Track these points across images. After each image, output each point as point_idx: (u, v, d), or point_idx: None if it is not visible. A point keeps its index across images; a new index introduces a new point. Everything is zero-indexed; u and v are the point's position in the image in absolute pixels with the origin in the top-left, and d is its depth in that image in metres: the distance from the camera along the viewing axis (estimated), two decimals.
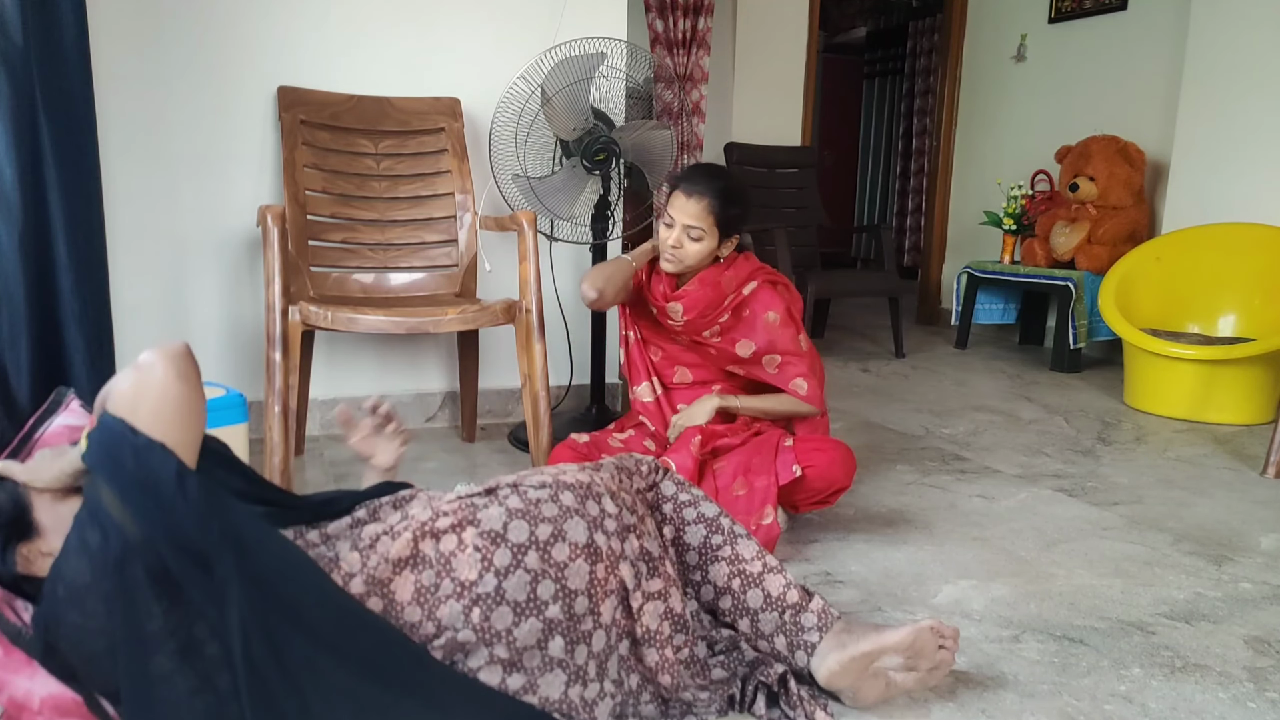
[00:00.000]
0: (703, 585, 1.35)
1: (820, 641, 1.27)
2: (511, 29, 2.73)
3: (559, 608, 1.08)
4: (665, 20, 4.39)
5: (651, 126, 2.55)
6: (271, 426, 2.07)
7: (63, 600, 0.96)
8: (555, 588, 1.08)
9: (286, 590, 0.97)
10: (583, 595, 1.10)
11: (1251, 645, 1.51)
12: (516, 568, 1.07)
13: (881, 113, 7.87)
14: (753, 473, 1.84)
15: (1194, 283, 3.43)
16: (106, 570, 0.92)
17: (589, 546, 1.11)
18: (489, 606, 1.05)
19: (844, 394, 3.39)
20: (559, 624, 1.08)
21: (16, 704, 0.99)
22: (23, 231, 1.67)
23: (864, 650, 1.23)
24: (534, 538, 1.09)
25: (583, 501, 1.15)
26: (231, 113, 2.47)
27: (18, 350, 1.69)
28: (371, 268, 2.49)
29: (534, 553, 1.08)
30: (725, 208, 1.94)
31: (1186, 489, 2.35)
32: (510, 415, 2.89)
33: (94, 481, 0.95)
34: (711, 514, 1.37)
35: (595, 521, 1.14)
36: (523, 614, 1.06)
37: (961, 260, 4.81)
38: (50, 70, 1.70)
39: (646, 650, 1.18)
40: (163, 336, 2.46)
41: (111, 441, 0.94)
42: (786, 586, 1.32)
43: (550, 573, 1.08)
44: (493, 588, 1.06)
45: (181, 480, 0.93)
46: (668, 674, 1.19)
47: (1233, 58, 3.50)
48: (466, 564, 1.06)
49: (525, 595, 1.06)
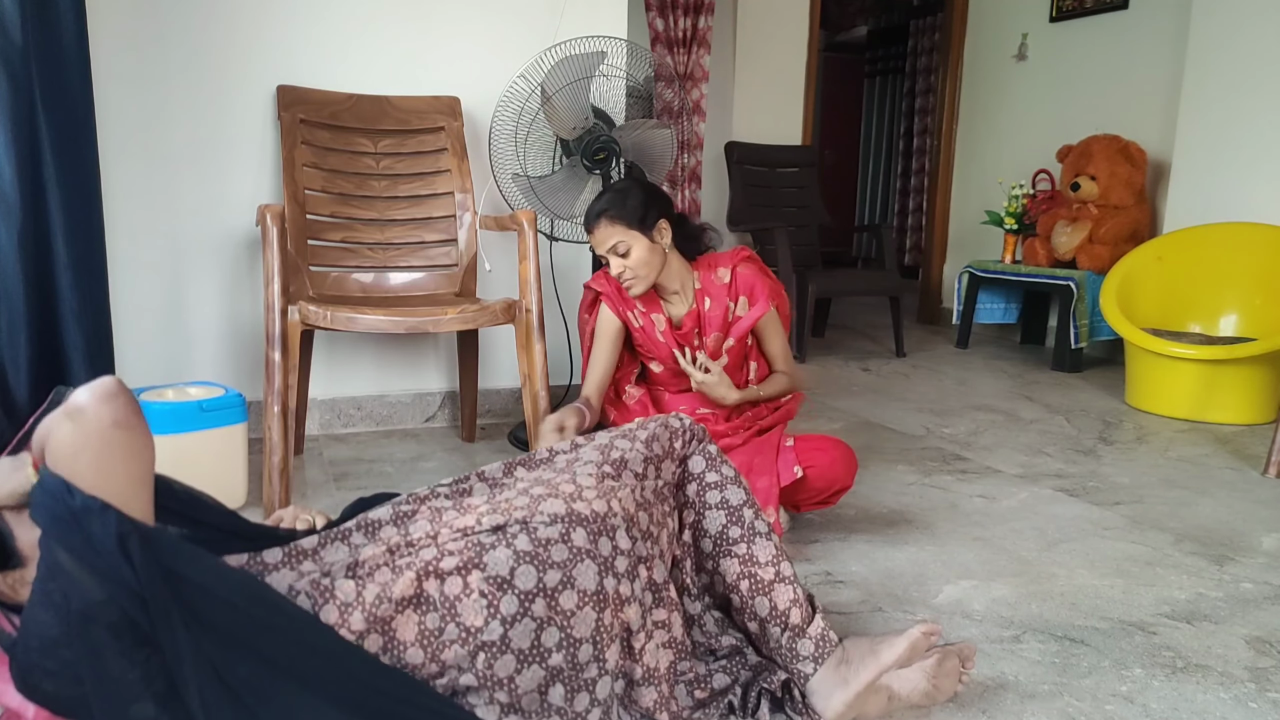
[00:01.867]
0: (714, 575, 1.33)
1: (815, 674, 1.24)
2: (511, 28, 2.73)
3: (562, 656, 1.06)
4: (665, 19, 4.39)
5: (652, 125, 2.54)
6: (271, 426, 2.07)
7: (36, 650, 0.94)
8: (560, 636, 1.06)
9: (254, 637, 0.95)
10: (587, 644, 1.07)
11: (1253, 645, 1.51)
12: (523, 615, 1.04)
13: (882, 112, 7.86)
14: (755, 473, 1.84)
15: (1195, 282, 3.43)
16: (72, 624, 0.90)
17: (598, 594, 1.08)
18: (493, 655, 1.03)
19: (844, 393, 3.39)
20: (561, 672, 1.06)
21: (12, 712, 0.99)
22: (22, 230, 1.67)
23: (866, 682, 1.22)
24: (541, 585, 1.06)
25: (595, 539, 1.11)
26: (231, 112, 2.47)
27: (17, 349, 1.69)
28: (371, 267, 2.49)
29: (541, 600, 1.05)
30: (621, 208, 1.95)
31: (1188, 489, 2.35)
32: (510, 415, 2.89)
33: (45, 540, 0.93)
34: (736, 501, 1.33)
35: (606, 563, 1.11)
36: (526, 661, 1.04)
37: (962, 259, 4.80)
38: (50, 70, 1.70)
39: (644, 690, 1.16)
40: (162, 336, 2.47)
41: (52, 504, 0.91)
42: (792, 603, 1.28)
43: (556, 620, 1.05)
44: (498, 636, 1.03)
45: (123, 542, 0.89)
46: (665, 712, 1.17)
47: (1234, 57, 3.49)
48: (472, 610, 1.03)
49: (529, 643, 1.04)
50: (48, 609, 0.91)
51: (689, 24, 4.42)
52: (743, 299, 2.05)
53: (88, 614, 0.89)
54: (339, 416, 2.70)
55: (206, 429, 1.94)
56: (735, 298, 2.04)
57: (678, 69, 4.46)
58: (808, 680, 1.25)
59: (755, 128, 4.72)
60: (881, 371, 3.85)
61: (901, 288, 4.25)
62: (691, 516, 1.33)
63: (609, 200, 1.98)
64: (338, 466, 2.36)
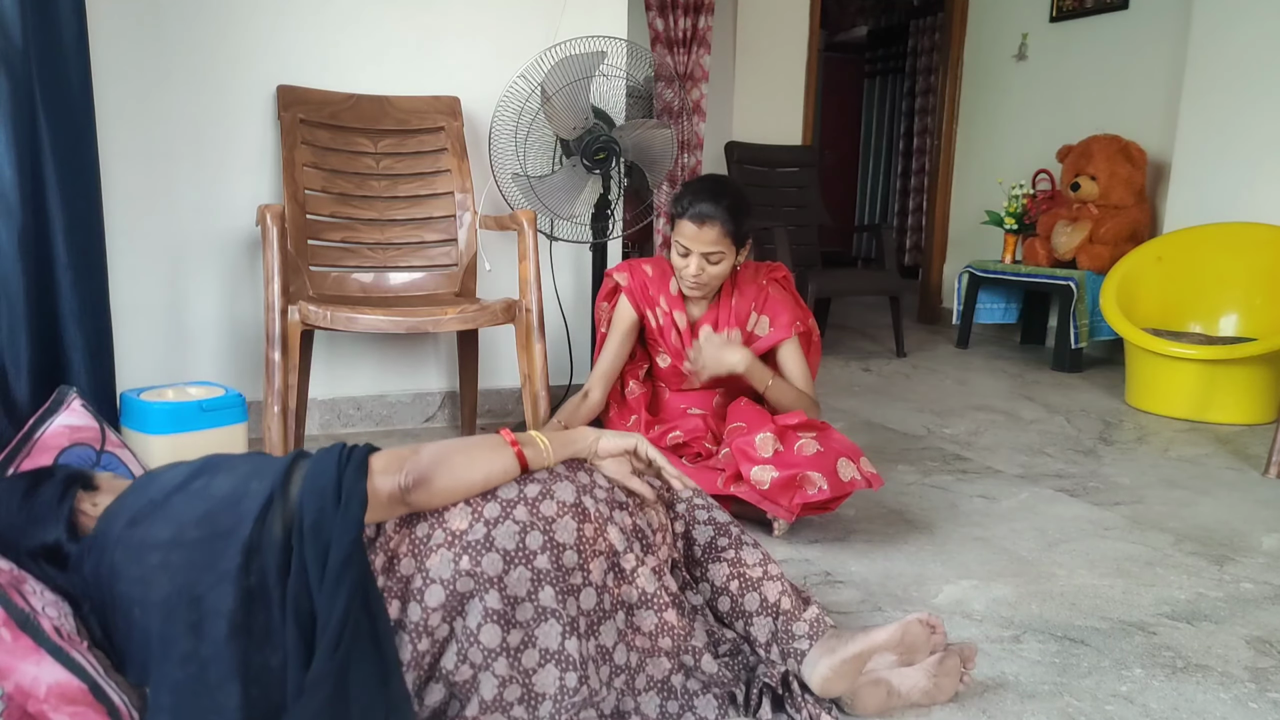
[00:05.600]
0: (701, 582, 1.36)
1: (810, 649, 1.26)
2: (511, 28, 2.73)
3: (547, 558, 1.11)
4: (665, 19, 4.39)
5: (652, 125, 2.55)
6: (270, 426, 2.07)
7: (138, 618, 1.03)
8: (543, 539, 1.12)
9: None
10: (571, 550, 1.13)
11: (1253, 645, 1.51)
12: (505, 519, 1.12)
13: (882, 112, 7.86)
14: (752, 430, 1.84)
15: (1195, 282, 3.43)
16: (256, 606, 1.01)
17: (576, 506, 1.16)
18: (479, 552, 1.09)
19: (845, 393, 3.38)
20: (547, 574, 1.11)
21: (23, 691, 0.99)
22: (22, 231, 1.67)
23: (853, 652, 1.22)
24: (522, 494, 1.14)
25: (573, 471, 1.21)
26: (231, 112, 2.47)
27: (17, 349, 1.69)
28: (371, 267, 2.49)
29: (522, 507, 1.13)
30: (738, 224, 1.93)
31: (1188, 489, 2.35)
32: (510, 415, 2.89)
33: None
34: (722, 520, 1.39)
35: (584, 488, 1.19)
36: (512, 562, 1.10)
37: (963, 259, 4.80)
38: (50, 70, 1.70)
39: (643, 614, 1.19)
40: (162, 336, 2.47)
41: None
42: (782, 593, 1.32)
43: (538, 525, 1.12)
44: (482, 535, 1.10)
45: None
46: (668, 637, 1.20)
47: (1234, 57, 3.49)
48: (457, 515, 1.12)
49: (514, 544, 1.11)
50: (231, 584, 1.01)
51: (689, 24, 4.42)
52: (764, 318, 2.04)
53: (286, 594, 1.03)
54: (339, 416, 2.70)
55: (206, 429, 1.94)
56: (759, 310, 2.03)
57: (678, 69, 4.45)
58: (803, 659, 1.27)
59: (755, 128, 4.72)
60: (882, 371, 3.85)
61: (901, 288, 4.25)
62: (681, 527, 1.38)
63: (728, 208, 1.92)
64: None
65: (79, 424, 1.50)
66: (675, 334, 2.06)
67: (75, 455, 1.45)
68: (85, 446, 1.47)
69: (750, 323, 2.04)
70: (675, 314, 2.05)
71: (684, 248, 1.94)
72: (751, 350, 2.01)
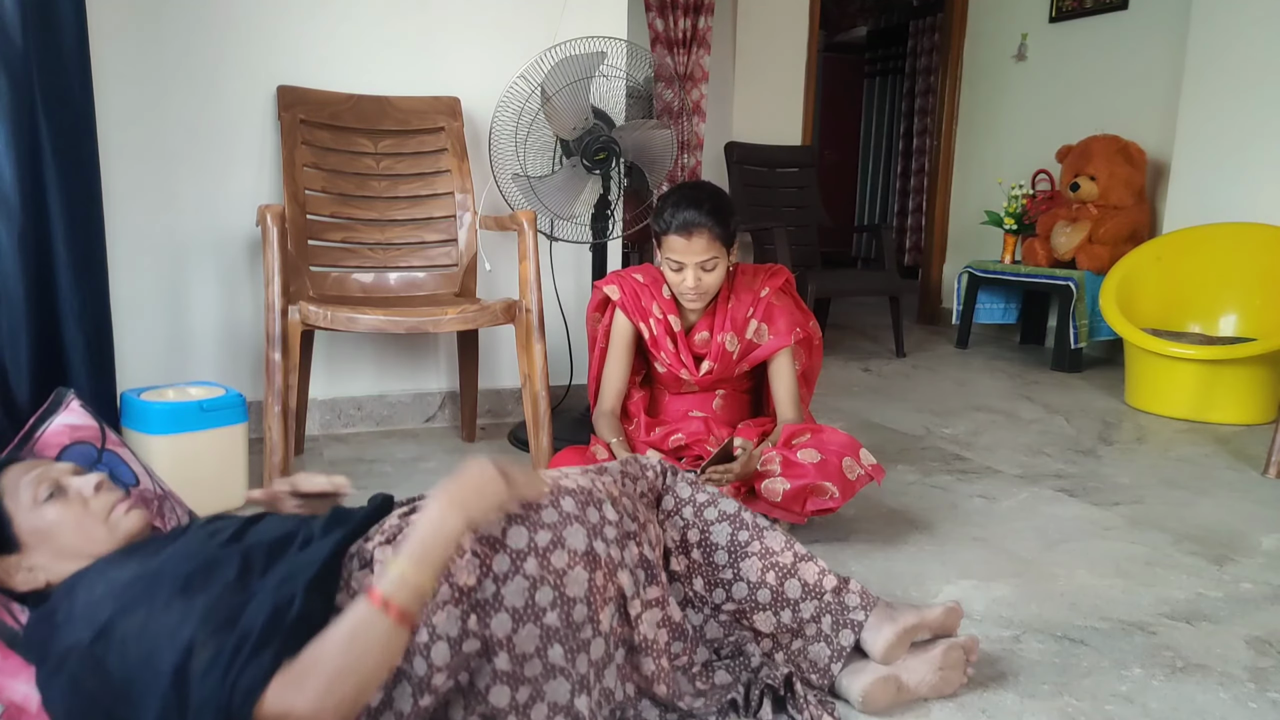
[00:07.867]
0: (734, 583, 1.33)
1: (868, 619, 1.30)
2: (511, 28, 2.73)
3: (557, 615, 1.07)
4: (665, 19, 4.39)
5: (652, 126, 2.55)
6: (271, 426, 2.07)
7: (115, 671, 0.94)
8: (554, 595, 1.07)
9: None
10: (581, 603, 1.09)
11: (1253, 645, 1.51)
12: (515, 574, 1.06)
13: (882, 112, 7.86)
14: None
15: (1195, 282, 3.43)
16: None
17: (588, 554, 1.11)
18: (486, 613, 1.04)
19: (844, 394, 3.39)
20: (557, 631, 1.07)
21: (16, 706, 1.00)
22: (22, 231, 1.67)
23: (912, 623, 1.29)
24: (533, 544, 1.08)
25: (583, 508, 1.14)
26: (231, 112, 2.47)
27: (17, 349, 1.69)
28: (371, 267, 2.49)
29: (532, 559, 1.07)
30: (724, 225, 1.91)
31: (1188, 489, 2.35)
32: (510, 415, 2.89)
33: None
34: (732, 510, 1.36)
35: (595, 529, 1.13)
36: (521, 620, 1.05)
37: (962, 260, 4.80)
38: (50, 71, 1.70)
39: (644, 659, 1.17)
40: (162, 336, 2.47)
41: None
42: (822, 573, 1.33)
43: (549, 579, 1.07)
44: (491, 594, 1.05)
45: None
46: (663, 684, 1.18)
47: (1234, 57, 3.49)
48: (465, 569, 1.05)
49: (523, 601, 1.05)
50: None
51: (689, 24, 4.42)
52: (763, 325, 2.02)
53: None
54: (339, 416, 2.70)
55: (207, 429, 1.94)
56: (758, 317, 2.02)
57: (678, 69, 4.46)
58: (861, 628, 1.29)
59: (755, 128, 4.72)
60: (881, 371, 3.85)
61: (901, 288, 4.25)
62: (696, 535, 1.34)
63: (712, 212, 1.87)
64: (338, 467, 2.36)
65: (79, 423, 1.50)
66: (670, 342, 2.05)
67: (77, 453, 1.45)
68: (86, 444, 1.48)
69: (749, 330, 2.03)
70: (670, 319, 2.04)
71: (676, 262, 1.91)
72: (750, 359, 2.02)
